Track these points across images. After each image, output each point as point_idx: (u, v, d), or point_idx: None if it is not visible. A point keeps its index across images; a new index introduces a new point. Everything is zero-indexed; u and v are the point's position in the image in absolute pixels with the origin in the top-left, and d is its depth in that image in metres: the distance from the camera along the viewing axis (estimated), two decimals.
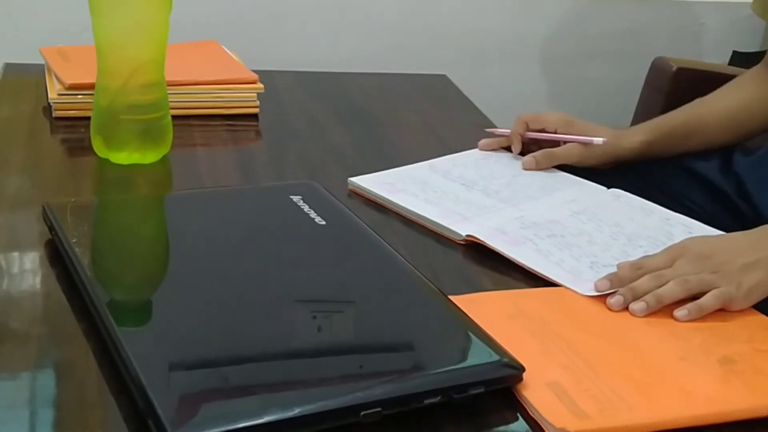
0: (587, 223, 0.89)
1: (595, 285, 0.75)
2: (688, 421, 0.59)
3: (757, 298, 0.75)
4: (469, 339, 0.63)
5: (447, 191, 0.93)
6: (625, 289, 0.74)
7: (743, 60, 1.78)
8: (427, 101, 1.25)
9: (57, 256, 0.72)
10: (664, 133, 1.04)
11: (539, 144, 1.03)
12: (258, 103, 1.11)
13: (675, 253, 0.77)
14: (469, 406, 0.58)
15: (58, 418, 0.57)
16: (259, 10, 1.67)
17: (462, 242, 0.83)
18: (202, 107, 1.09)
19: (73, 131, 1.01)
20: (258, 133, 1.09)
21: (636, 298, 0.73)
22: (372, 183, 0.93)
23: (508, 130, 1.04)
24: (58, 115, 1.03)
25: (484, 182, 0.96)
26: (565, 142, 1.02)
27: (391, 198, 0.90)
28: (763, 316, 0.74)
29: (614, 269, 0.78)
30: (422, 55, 1.75)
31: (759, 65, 1.10)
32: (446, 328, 0.65)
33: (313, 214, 0.78)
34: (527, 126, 1.03)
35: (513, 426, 0.59)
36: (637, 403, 0.60)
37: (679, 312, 0.72)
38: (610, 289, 0.75)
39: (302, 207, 0.79)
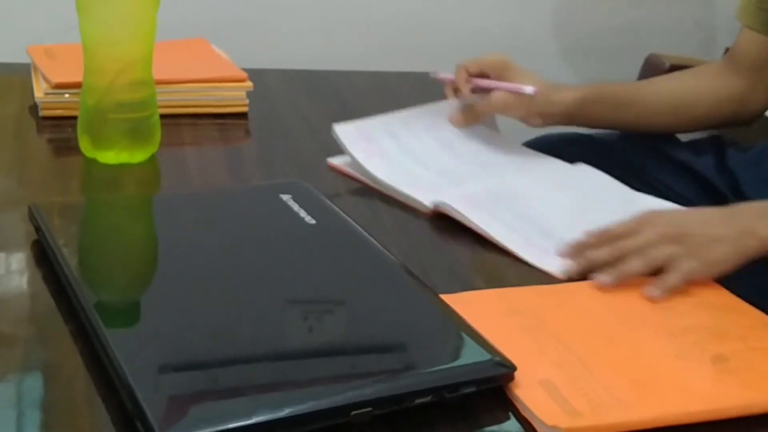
0: (558, 198, 0.91)
1: (565, 270, 0.77)
2: (681, 418, 0.59)
3: (718, 272, 0.75)
4: (460, 338, 0.63)
5: (420, 154, 0.98)
6: (585, 261, 0.76)
7: None
8: (419, 100, 1.24)
9: (44, 257, 0.72)
10: (597, 95, 1.03)
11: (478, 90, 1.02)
12: (247, 101, 1.11)
13: (642, 221, 0.77)
14: (461, 406, 0.58)
15: (45, 420, 0.56)
16: (249, 8, 1.66)
17: (429, 213, 0.87)
18: (190, 105, 1.08)
19: (60, 131, 1.00)
20: (247, 132, 1.09)
21: (595, 267, 0.74)
22: (350, 140, 0.96)
23: (452, 76, 1.03)
24: (44, 115, 1.02)
25: (459, 143, 1.02)
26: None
27: (364, 164, 0.93)
28: (758, 312, 0.73)
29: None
30: (415, 54, 1.75)
31: (719, 61, 1.10)
32: (437, 327, 0.64)
33: (303, 214, 0.77)
34: (468, 71, 1.01)
35: (505, 425, 0.59)
36: (631, 401, 0.59)
37: (650, 292, 0.72)
38: (579, 267, 0.76)
39: (292, 206, 0.79)
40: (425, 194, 0.88)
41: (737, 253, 0.75)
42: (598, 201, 0.91)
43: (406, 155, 0.98)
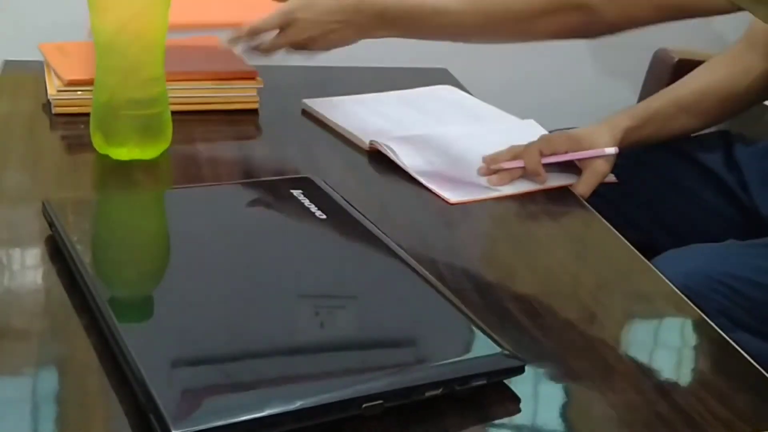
0: (486, 142, 1.01)
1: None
2: None
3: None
4: (470, 331, 0.63)
5: (382, 110, 1.12)
6: None
7: None
8: None
9: (57, 253, 0.72)
10: (645, 118, 1.03)
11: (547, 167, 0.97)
12: (258, 98, 1.11)
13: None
14: (471, 398, 0.58)
15: (59, 413, 0.56)
16: (259, 4, 1.66)
17: (367, 149, 1.00)
18: (202, 102, 1.09)
19: (72, 128, 1.01)
20: (258, 128, 1.09)
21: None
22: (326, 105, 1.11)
23: (519, 162, 0.96)
24: (57, 112, 1.03)
25: (425, 104, 1.16)
26: (578, 159, 0.98)
27: (322, 111, 1.10)
28: None
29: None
30: (423, 49, 1.75)
31: (734, 47, 1.10)
32: (448, 321, 0.64)
33: (313, 209, 0.78)
34: (541, 153, 0.96)
35: (515, 418, 0.59)
36: None
37: None
38: None
39: (303, 201, 0.79)
40: (368, 135, 1.02)
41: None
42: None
43: (365, 107, 1.13)
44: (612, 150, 0.96)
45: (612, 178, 1.00)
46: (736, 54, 1.09)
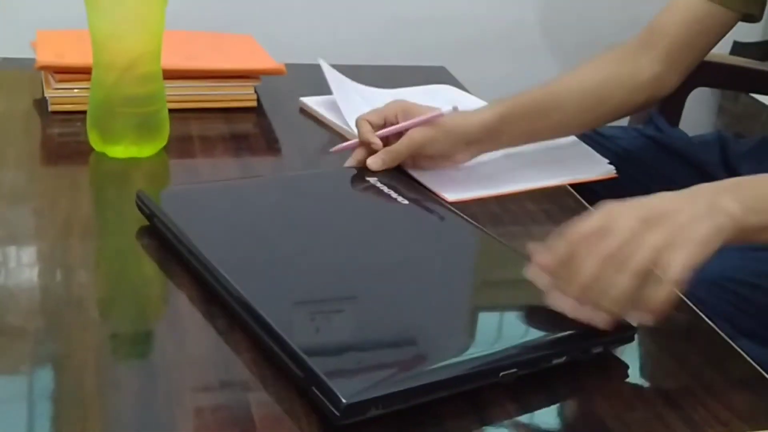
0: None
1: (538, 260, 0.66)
2: None
3: (707, 254, 0.62)
4: None
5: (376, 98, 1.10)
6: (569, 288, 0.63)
7: (744, 50, 1.78)
8: None
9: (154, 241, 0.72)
10: (516, 107, 0.94)
11: (388, 140, 0.91)
12: (255, 96, 1.11)
13: (605, 216, 0.64)
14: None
15: (55, 411, 0.56)
16: (256, 3, 1.66)
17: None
18: (199, 100, 1.08)
19: (69, 125, 1.00)
20: (255, 125, 1.09)
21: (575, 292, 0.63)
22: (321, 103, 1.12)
23: (355, 140, 0.92)
24: (54, 110, 1.03)
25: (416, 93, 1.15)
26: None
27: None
28: None
29: None
30: (421, 47, 1.75)
31: (633, 41, 1.04)
32: None
33: (394, 194, 0.83)
34: (371, 125, 0.91)
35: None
36: None
37: (642, 320, 0.62)
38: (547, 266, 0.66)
39: (382, 188, 0.84)
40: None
41: (718, 231, 0.63)
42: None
43: (363, 103, 1.10)
44: (447, 108, 0.87)
45: (612, 172, 1.00)
46: (627, 53, 1.02)
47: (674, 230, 0.62)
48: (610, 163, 1.01)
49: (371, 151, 0.90)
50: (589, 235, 0.63)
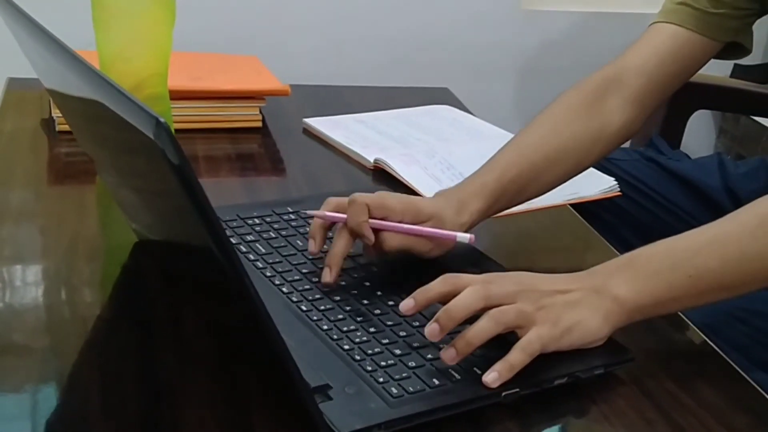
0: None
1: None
2: None
3: (574, 343, 0.65)
4: None
5: (382, 127, 1.14)
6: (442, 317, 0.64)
7: (744, 72, 1.79)
8: None
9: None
10: (496, 195, 0.84)
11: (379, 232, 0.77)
12: (260, 117, 1.12)
13: (487, 277, 0.66)
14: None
15: (61, 430, 0.57)
16: (262, 24, 1.67)
17: (371, 168, 1.02)
18: (205, 121, 1.09)
19: (75, 145, 1.01)
20: (260, 145, 1.10)
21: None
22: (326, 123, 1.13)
23: (342, 215, 0.75)
24: (61, 129, 1.04)
25: (422, 119, 1.18)
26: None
27: (325, 131, 1.11)
28: None
29: None
30: (426, 69, 1.76)
31: (587, 85, 0.93)
32: None
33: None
34: (369, 211, 0.75)
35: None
36: None
37: (489, 377, 0.62)
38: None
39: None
40: (371, 153, 1.04)
41: (605, 317, 0.66)
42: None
43: (366, 126, 1.15)
44: (464, 237, 0.78)
45: (615, 189, 1.00)
46: (595, 98, 0.92)
47: (547, 307, 0.65)
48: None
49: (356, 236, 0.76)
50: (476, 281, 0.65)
